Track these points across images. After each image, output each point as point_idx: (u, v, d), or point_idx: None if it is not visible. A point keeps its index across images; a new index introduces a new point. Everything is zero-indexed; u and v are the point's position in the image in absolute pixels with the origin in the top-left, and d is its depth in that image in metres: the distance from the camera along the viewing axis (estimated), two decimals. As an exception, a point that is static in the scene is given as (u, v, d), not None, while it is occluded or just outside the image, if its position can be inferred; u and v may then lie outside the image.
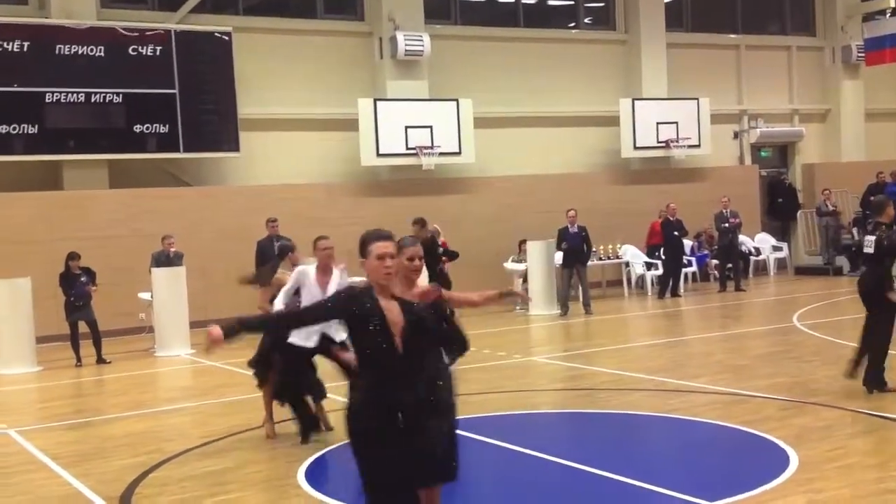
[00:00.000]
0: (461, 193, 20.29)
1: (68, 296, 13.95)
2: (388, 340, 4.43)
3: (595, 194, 21.15)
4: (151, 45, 17.78)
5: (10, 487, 7.33)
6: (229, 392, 11.17)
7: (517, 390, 10.46)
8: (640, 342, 14.00)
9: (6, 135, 16.69)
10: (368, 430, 4.44)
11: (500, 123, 21.09)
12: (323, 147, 19.64)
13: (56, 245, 15.56)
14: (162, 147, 17.94)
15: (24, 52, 16.84)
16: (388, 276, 4.51)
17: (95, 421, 9.97)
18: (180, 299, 14.82)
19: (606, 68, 22.53)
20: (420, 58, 19.77)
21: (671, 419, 8.61)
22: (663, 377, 10.53)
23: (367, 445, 4.44)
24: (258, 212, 16.62)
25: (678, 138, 22.13)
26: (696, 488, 6.26)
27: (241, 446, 8.32)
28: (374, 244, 4.53)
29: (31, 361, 13.81)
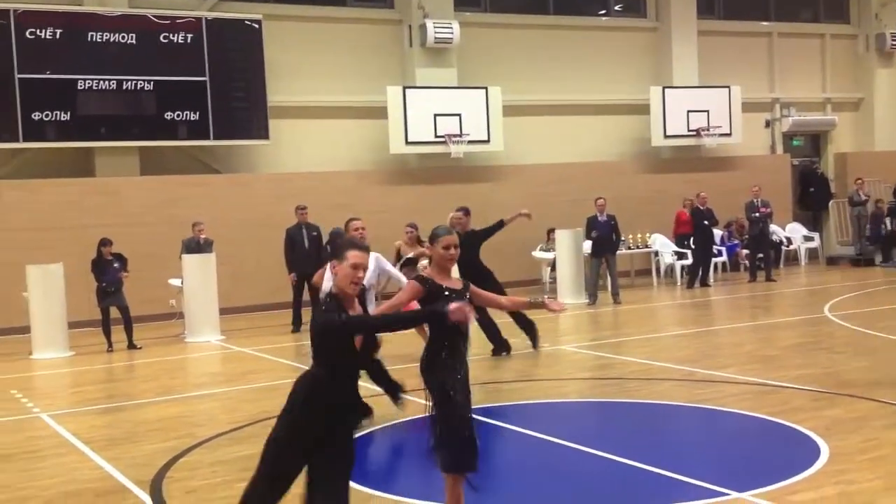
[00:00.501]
0: (489, 182, 20.26)
1: (100, 281, 14.07)
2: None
3: (624, 183, 21.05)
4: (182, 32, 17.87)
5: (43, 470, 7.43)
6: (258, 378, 11.24)
7: (546, 379, 10.45)
8: (670, 332, 13.93)
9: (39, 122, 16.85)
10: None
11: (529, 111, 21.03)
12: (352, 135, 19.68)
13: (88, 231, 15.72)
14: (192, 134, 18.06)
15: (56, 39, 16.99)
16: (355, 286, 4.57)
17: (127, 405, 10.07)
18: (210, 286, 14.92)
19: (637, 56, 22.38)
20: (449, 45, 19.73)
21: (700, 409, 8.57)
22: (692, 367, 10.47)
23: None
24: (287, 199, 16.69)
25: (709, 127, 21.96)
26: (726, 479, 6.22)
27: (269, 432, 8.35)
28: (349, 251, 4.57)
29: (63, 346, 13.97)
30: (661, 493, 6.06)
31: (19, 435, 8.75)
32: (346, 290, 4.57)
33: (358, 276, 4.56)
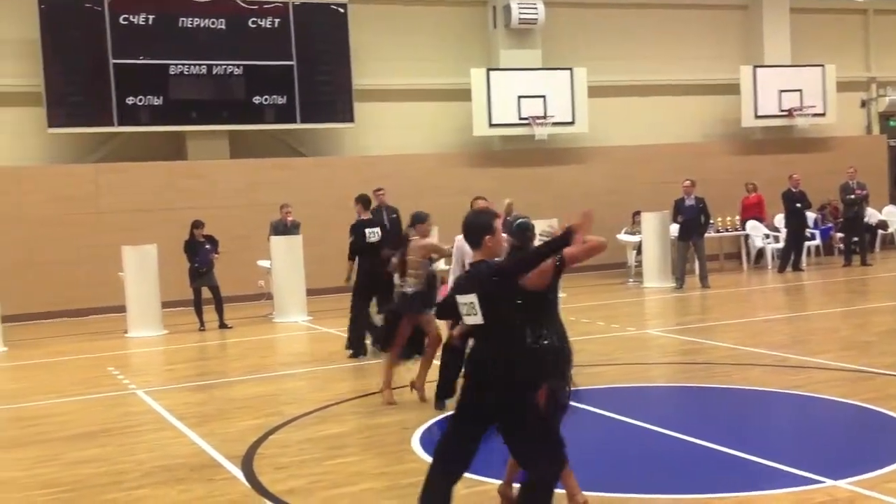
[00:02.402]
0: (574, 164, 20.10)
1: (192, 262, 14.40)
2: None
3: (713, 164, 20.65)
4: (270, 17, 18.12)
5: (141, 445, 7.66)
6: (345, 358, 11.38)
7: (632, 363, 10.34)
8: (760, 317, 13.64)
9: (133, 106, 17.30)
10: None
11: (614, 92, 20.76)
12: (435, 117, 19.72)
13: (180, 213, 16.11)
14: (280, 118, 18.32)
15: (149, 25, 17.40)
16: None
17: (218, 383, 10.31)
18: (297, 267, 15.15)
19: (726, 34, 21.90)
20: (534, 26, 19.59)
21: (792, 395, 8.38)
22: (784, 352, 10.24)
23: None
24: (371, 181, 16.79)
25: (802, 107, 21.40)
26: (820, 466, 6.08)
27: (357, 411, 8.48)
28: (497, 222, 4.87)
29: (157, 325, 14.36)
30: (752, 480, 5.95)
31: (116, 410, 9.04)
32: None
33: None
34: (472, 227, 4.86)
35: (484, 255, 4.81)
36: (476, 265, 4.81)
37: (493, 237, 4.79)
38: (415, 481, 6.26)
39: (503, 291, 4.69)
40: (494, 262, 4.82)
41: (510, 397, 4.69)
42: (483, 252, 4.81)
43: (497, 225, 4.84)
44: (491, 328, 4.70)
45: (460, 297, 4.78)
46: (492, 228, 4.80)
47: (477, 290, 4.67)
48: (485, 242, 4.78)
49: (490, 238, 4.79)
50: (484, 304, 4.65)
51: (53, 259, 16.63)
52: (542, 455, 4.74)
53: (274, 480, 6.44)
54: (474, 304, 4.67)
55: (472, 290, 4.70)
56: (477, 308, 4.66)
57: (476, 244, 4.83)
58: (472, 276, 4.78)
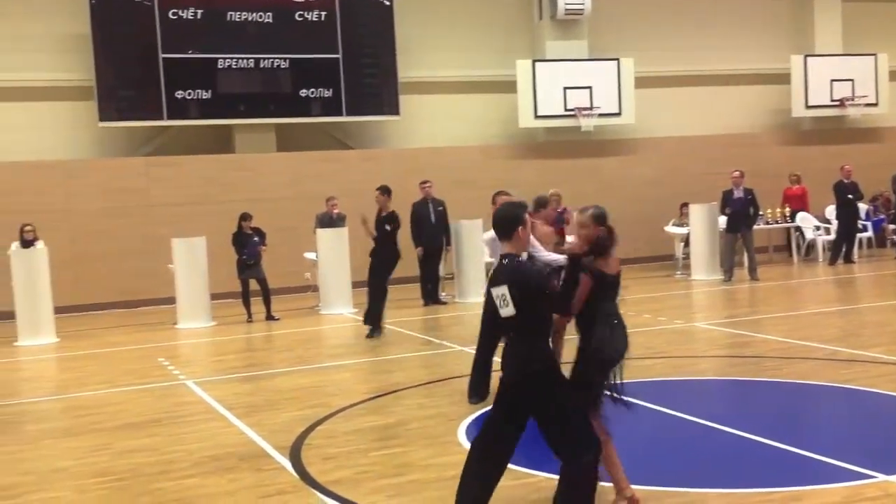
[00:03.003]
0: (620, 155, 19.95)
1: (240, 254, 14.54)
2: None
3: (762, 155, 20.38)
4: (317, 10, 18.21)
5: (191, 434, 7.76)
6: (390, 350, 11.43)
7: (679, 356, 10.24)
8: (811, 310, 13.44)
9: (182, 100, 17.49)
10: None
11: (662, 82, 20.56)
12: (480, 109, 19.69)
13: (228, 206, 16.27)
14: (326, 111, 18.42)
15: (197, 19, 17.57)
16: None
17: (265, 374, 10.41)
18: (343, 259, 15.23)
19: (776, 23, 21.58)
20: (580, 17, 19.46)
21: (844, 389, 8.25)
22: (836, 346, 10.08)
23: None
24: (416, 174, 16.85)
25: (854, 96, 21.02)
26: (871, 461, 5.98)
27: (403, 403, 8.50)
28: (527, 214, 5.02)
29: (206, 317, 14.53)
30: (802, 475, 5.87)
31: (167, 401, 9.16)
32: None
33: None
34: (502, 219, 4.92)
35: (513, 247, 4.90)
36: (509, 257, 4.88)
37: (524, 229, 4.89)
38: (461, 473, 6.28)
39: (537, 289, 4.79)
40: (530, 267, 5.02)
41: (533, 388, 4.78)
42: (513, 245, 4.89)
43: (527, 217, 4.94)
44: (522, 320, 4.78)
45: (495, 290, 4.84)
46: (523, 220, 4.89)
47: (508, 282, 4.75)
48: (516, 234, 4.87)
49: (522, 230, 4.88)
50: (515, 295, 4.73)
51: (104, 251, 16.90)
52: (575, 443, 4.79)
53: (321, 471, 6.49)
54: (506, 296, 4.74)
55: (504, 281, 4.78)
56: (509, 300, 4.74)
57: (507, 236, 4.90)
58: (506, 269, 4.84)
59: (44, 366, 12.10)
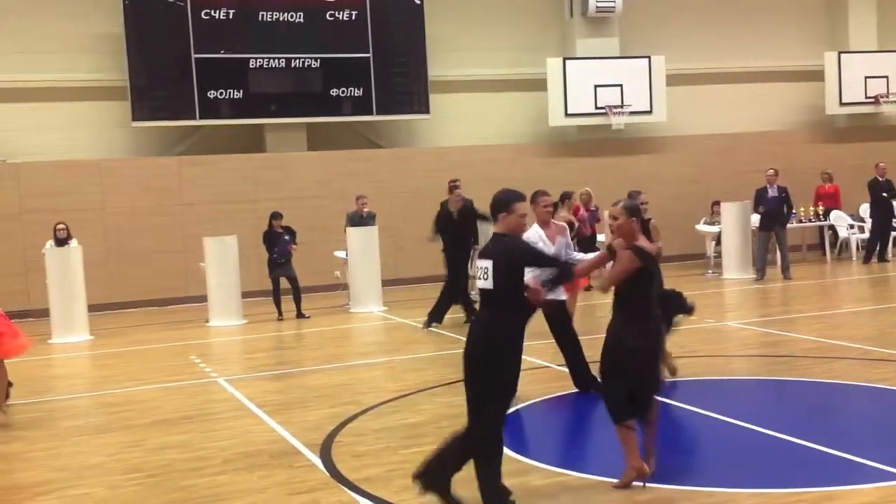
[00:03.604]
0: (651, 153, 19.85)
1: (271, 253, 14.62)
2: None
3: (796, 153, 20.19)
4: (347, 10, 18.26)
5: (223, 431, 7.82)
6: (420, 348, 11.45)
7: (711, 355, 10.17)
8: (845, 309, 13.29)
9: (214, 100, 17.62)
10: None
11: (693, 80, 20.42)
12: (511, 108, 19.66)
13: (259, 205, 16.38)
14: (356, 110, 18.47)
15: (229, 19, 17.69)
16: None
17: (296, 372, 10.46)
18: (373, 258, 15.26)
19: (810, 19, 21.36)
20: (611, 14, 19.38)
21: (878, 389, 8.16)
22: (870, 345, 9.97)
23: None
24: (447, 172, 16.80)
25: (888, 93, 20.76)
26: (907, 463, 5.92)
27: (432, 401, 8.51)
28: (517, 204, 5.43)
29: (237, 315, 14.62)
30: (835, 475, 5.82)
31: (198, 398, 9.24)
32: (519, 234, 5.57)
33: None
34: (494, 201, 5.43)
35: (501, 228, 5.40)
36: (497, 236, 5.40)
37: (507, 214, 5.36)
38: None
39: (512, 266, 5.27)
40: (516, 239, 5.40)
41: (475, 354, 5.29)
42: (499, 226, 5.40)
43: (516, 206, 5.37)
44: (494, 295, 5.27)
45: (480, 262, 5.39)
46: (508, 206, 5.37)
47: (492, 258, 5.28)
48: (500, 217, 5.39)
49: (504, 215, 5.37)
50: (495, 271, 5.24)
51: (137, 250, 17.06)
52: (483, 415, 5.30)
53: (351, 468, 6.51)
54: (488, 270, 5.27)
55: (490, 256, 5.32)
56: (489, 273, 5.26)
57: (494, 218, 5.44)
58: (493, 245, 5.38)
59: (77, 363, 12.24)
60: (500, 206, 5.39)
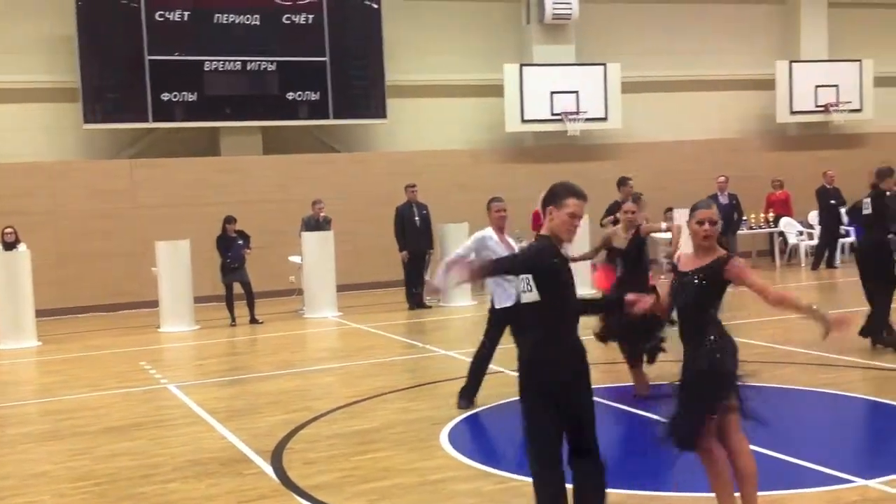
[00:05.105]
0: (607, 160, 19.99)
1: (225, 258, 14.51)
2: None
3: (747, 161, 20.47)
4: (304, 13, 18.19)
5: (173, 438, 7.73)
6: (375, 354, 11.43)
7: (662, 360, 10.25)
8: (793, 315, 13.45)
9: (168, 102, 17.44)
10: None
11: (648, 88, 20.63)
12: (468, 113, 19.70)
13: (213, 209, 16.22)
14: (313, 114, 18.39)
15: (184, 21, 17.53)
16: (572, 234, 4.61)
17: (248, 378, 10.38)
18: (329, 263, 15.21)
19: (762, 29, 21.68)
20: (567, 21, 19.52)
21: (825, 394, 8.29)
22: (817, 351, 10.12)
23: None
24: (404, 177, 16.83)
25: (838, 102, 21.12)
26: (851, 465, 6.03)
27: (386, 407, 8.50)
28: (569, 199, 4.60)
29: (189, 320, 14.48)
30: (782, 479, 5.89)
31: (149, 405, 9.13)
32: (565, 237, 4.62)
33: (574, 225, 4.61)
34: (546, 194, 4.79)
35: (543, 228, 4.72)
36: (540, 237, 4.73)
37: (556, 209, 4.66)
38: (444, 477, 6.30)
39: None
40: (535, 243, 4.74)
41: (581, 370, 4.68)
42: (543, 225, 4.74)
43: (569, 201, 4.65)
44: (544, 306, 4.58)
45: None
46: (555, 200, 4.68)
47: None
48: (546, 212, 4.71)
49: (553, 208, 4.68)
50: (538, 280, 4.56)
51: (88, 254, 16.84)
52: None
53: (303, 475, 6.48)
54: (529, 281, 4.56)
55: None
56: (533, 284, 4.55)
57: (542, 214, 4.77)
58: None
59: (25, 369, 12.05)
60: (548, 200, 4.72)
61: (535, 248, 4.67)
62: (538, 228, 4.83)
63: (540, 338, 4.61)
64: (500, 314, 8.17)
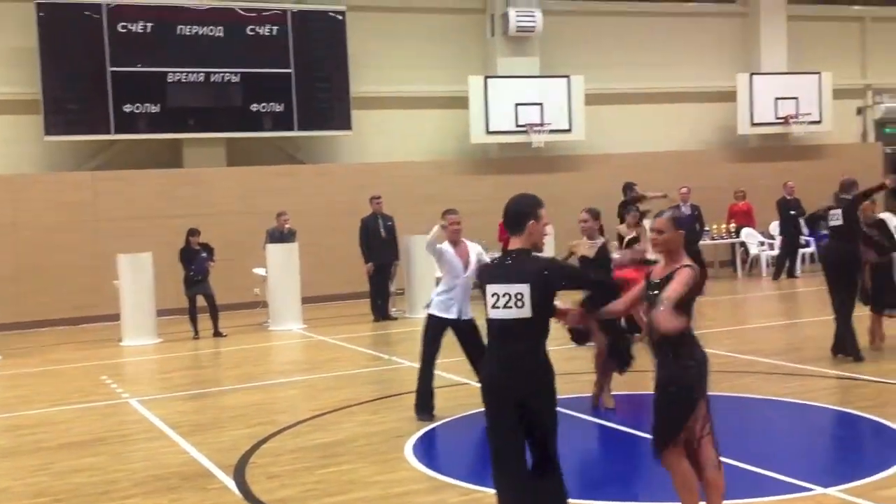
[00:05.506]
0: (571, 171, 20.11)
1: (188, 270, 14.40)
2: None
3: (709, 172, 20.66)
4: (268, 25, 18.14)
5: (132, 454, 7.66)
6: (339, 366, 11.40)
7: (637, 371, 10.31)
8: (755, 324, 13.65)
9: (130, 114, 17.31)
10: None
11: (612, 100, 20.80)
12: (433, 125, 19.74)
13: (176, 221, 16.11)
14: (277, 126, 18.33)
15: (147, 32, 17.42)
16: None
17: (211, 392, 10.31)
18: (293, 275, 15.15)
19: (723, 42, 21.95)
20: (532, 34, 19.63)
21: (786, 403, 8.39)
22: (778, 360, 10.26)
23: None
24: (369, 189, 16.82)
25: (798, 114, 21.42)
26: (811, 474, 6.10)
27: (350, 420, 8.48)
28: (542, 210, 4.69)
29: (151, 333, 14.35)
30: (743, 488, 5.94)
31: (110, 420, 9.04)
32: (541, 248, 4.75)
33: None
34: (516, 212, 4.74)
35: (524, 241, 4.70)
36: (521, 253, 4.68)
37: (536, 223, 4.70)
38: (407, 490, 6.30)
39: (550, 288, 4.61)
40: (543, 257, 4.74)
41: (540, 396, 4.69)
42: (524, 239, 4.70)
43: (542, 212, 4.73)
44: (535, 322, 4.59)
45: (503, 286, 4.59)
46: (536, 213, 4.70)
47: (529, 281, 4.55)
48: (528, 228, 4.68)
49: (533, 223, 4.69)
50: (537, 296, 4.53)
51: (49, 267, 16.63)
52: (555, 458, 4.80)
53: (266, 489, 6.44)
54: (523, 296, 4.53)
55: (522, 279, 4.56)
56: (526, 300, 4.52)
57: (518, 230, 4.70)
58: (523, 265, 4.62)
59: (-15, 384, 11.87)
60: (528, 214, 4.69)
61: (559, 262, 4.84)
62: (505, 241, 4.84)
63: (516, 351, 4.62)
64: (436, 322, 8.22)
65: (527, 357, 4.62)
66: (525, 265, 4.61)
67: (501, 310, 4.58)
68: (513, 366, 4.61)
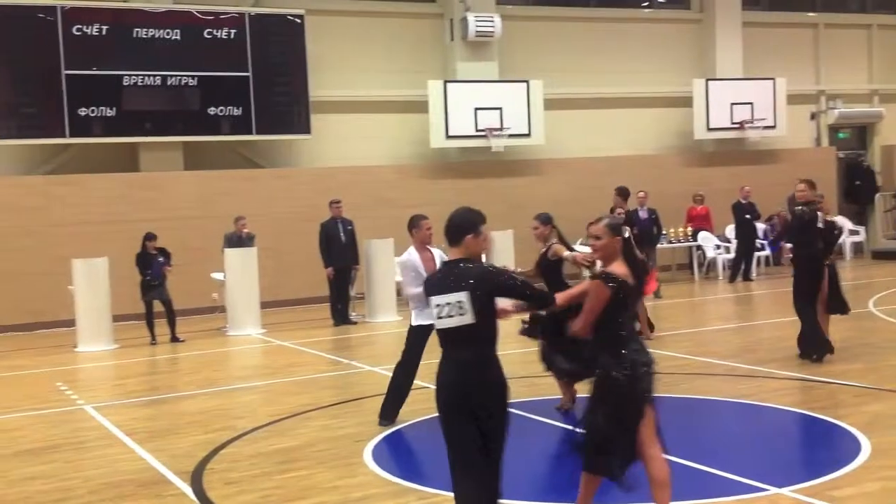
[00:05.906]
0: (530, 175, 20.21)
1: (144, 275, 14.25)
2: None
3: (667, 176, 20.87)
4: (226, 28, 18.02)
5: (86, 462, 7.56)
6: (298, 371, 11.35)
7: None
8: (711, 326, 13.81)
9: (86, 117, 17.09)
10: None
11: (570, 104, 20.93)
12: (393, 129, 19.72)
13: (132, 225, 15.94)
14: (235, 129, 18.20)
15: (102, 35, 17.21)
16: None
17: (169, 398, 10.21)
18: (252, 279, 15.06)
19: (680, 48, 22.19)
20: (491, 39, 19.70)
21: (741, 404, 8.49)
22: (734, 362, 10.38)
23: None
24: (329, 193, 16.77)
25: (753, 119, 21.71)
26: (765, 474, 6.17)
27: (309, 425, 8.44)
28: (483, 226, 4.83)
29: (107, 339, 14.18)
30: (698, 489, 6.02)
31: (64, 427, 8.91)
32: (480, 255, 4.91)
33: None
34: (456, 224, 4.81)
35: (462, 253, 4.78)
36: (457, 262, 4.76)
37: (474, 237, 4.78)
38: (367, 494, 6.29)
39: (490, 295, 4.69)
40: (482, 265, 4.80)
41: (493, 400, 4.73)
42: (461, 250, 4.78)
43: (483, 228, 4.82)
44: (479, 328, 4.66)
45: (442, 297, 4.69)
46: (476, 228, 4.80)
47: (468, 289, 4.63)
48: (467, 241, 4.77)
49: (472, 237, 4.78)
50: (477, 302, 4.62)
51: (2, 272, 16.36)
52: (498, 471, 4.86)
53: (223, 496, 6.40)
54: (462, 304, 4.62)
55: (461, 287, 4.64)
56: (467, 307, 4.62)
57: (457, 241, 4.78)
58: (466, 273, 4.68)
59: (-64, 392, 11.65)
60: (467, 229, 4.79)
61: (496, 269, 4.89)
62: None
63: (465, 359, 4.70)
64: (419, 331, 8.19)
65: (477, 365, 4.70)
66: (462, 273, 4.69)
67: (446, 319, 4.70)
68: (464, 373, 4.69)
